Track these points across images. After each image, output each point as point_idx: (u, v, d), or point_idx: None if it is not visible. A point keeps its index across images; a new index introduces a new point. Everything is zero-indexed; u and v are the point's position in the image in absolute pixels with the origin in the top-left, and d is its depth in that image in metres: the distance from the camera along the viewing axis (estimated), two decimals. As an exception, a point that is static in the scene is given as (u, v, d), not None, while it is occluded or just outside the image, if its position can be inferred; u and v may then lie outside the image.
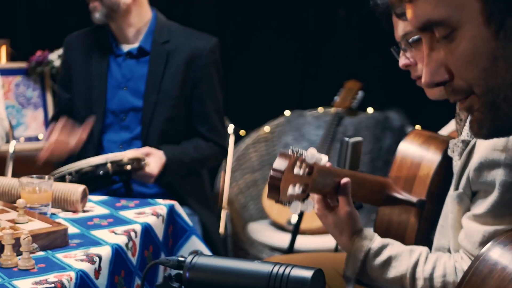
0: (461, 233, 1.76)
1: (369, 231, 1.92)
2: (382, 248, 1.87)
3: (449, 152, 1.88)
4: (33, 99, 4.44)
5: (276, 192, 1.63)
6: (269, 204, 3.98)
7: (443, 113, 2.41)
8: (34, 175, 2.29)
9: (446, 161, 1.99)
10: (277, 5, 4.53)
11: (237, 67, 4.60)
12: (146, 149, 2.91)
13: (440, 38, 1.16)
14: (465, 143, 1.81)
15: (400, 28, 1.99)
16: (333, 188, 1.85)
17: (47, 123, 4.43)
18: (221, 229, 3.49)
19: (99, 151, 3.08)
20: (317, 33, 4.54)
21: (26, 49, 4.59)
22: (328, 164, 1.83)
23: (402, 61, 2.03)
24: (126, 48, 3.10)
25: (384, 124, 4.07)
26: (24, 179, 2.27)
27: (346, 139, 2.13)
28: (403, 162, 2.06)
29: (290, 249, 3.40)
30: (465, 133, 1.82)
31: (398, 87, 4.23)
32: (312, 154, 1.70)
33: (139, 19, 3.07)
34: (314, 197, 1.90)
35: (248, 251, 3.88)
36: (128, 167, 2.74)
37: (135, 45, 3.08)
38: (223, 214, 3.60)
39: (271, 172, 1.63)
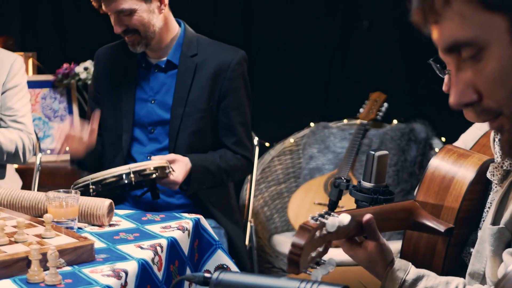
0: (502, 267, 1.74)
1: (402, 261, 1.90)
2: (417, 280, 1.84)
3: (489, 175, 1.85)
4: (59, 112, 4.47)
5: (296, 267, 1.63)
6: (294, 216, 3.97)
7: (469, 125, 2.40)
8: (61, 190, 2.30)
9: (476, 185, 1.97)
10: (301, 17, 4.54)
11: (262, 79, 4.60)
12: (172, 155, 2.90)
13: (467, 58, 1.15)
14: (506, 171, 1.79)
15: None
16: (356, 228, 1.84)
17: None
18: (247, 242, 3.49)
19: (128, 162, 3.09)
20: (342, 45, 4.54)
21: (52, 62, 4.63)
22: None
23: (447, 86, 1.98)
24: (154, 61, 3.11)
25: (409, 136, 4.05)
26: (51, 194, 2.28)
27: (372, 152, 2.11)
28: (432, 183, 2.04)
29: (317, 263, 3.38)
30: (508, 163, 1.79)
31: (423, 98, 4.22)
32: (333, 223, 1.69)
33: (168, 35, 3.09)
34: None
35: (274, 263, 3.87)
36: (152, 176, 2.73)
37: (163, 58, 3.10)
38: (249, 226, 3.59)
39: (291, 248, 1.62)
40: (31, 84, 4.27)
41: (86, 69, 4.38)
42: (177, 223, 2.43)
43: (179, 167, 2.87)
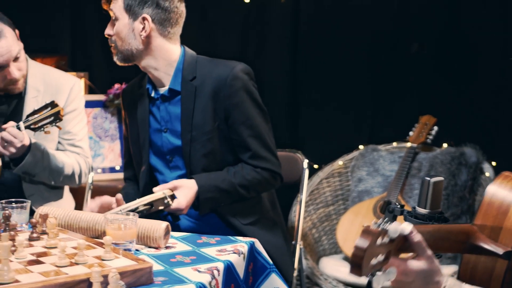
0: None
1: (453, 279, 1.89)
2: None
3: None
4: (110, 131, 4.53)
5: (358, 269, 1.63)
6: (342, 239, 3.97)
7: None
8: (119, 212, 2.33)
9: None
10: (349, 38, 4.55)
11: (310, 100, 4.62)
12: (172, 183, 2.90)
13: None
14: None
15: None
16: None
17: (124, 155, 4.52)
18: (296, 264, 3.48)
19: (151, 192, 3.08)
20: (391, 67, 4.54)
21: (104, 82, 4.70)
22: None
23: None
24: (161, 91, 3.09)
25: (459, 160, 4.02)
26: (110, 216, 2.31)
27: (427, 178, 2.11)
28: (490, 208, 2.03)
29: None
30: None
31: (473, 122, 4.20)
32: (395, 229, 1.69)
33: (162, 62, 3.05)
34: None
35: (322, 286, 3.87)
36: (148, 211, 2.74)
37: (166, 87, 3.09)
38: (298, 248, 3.59)
39: (354, 250, 1.63)
40: (83, 104, 4.35)
41: (137, 89, 4.43)
42: (233, 247, 2.45)
43: (182, 193, 2.87)
